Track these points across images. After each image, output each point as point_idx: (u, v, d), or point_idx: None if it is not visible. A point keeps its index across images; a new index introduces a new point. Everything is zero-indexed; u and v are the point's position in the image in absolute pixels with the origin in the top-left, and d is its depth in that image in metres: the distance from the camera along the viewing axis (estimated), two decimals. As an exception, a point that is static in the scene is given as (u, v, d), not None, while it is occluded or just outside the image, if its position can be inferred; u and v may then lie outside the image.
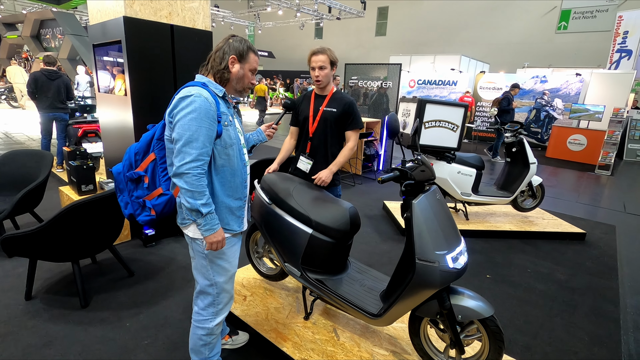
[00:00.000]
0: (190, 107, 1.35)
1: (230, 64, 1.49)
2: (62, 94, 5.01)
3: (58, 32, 16.29)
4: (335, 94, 2.33)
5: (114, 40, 3.00)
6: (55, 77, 4.95)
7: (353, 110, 2.30)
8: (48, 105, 4.95)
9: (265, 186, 2.20)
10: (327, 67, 2.20)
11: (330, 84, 2.31)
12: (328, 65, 2.20)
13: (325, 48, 2.21)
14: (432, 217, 1.62)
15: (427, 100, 3.55)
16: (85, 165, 3.07)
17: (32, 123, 9.35)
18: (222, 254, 1.57)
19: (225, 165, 1.49)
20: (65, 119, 5.13)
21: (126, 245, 3.25)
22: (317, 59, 2.19)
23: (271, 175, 2.27)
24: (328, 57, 2.19)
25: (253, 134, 1.92)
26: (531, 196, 4.20)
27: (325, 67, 2.19)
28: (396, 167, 1.67)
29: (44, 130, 5.11)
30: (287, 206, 2.04)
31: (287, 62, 25.17)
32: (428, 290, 1.60)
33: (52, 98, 4.94)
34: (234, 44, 1.49)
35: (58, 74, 5.00)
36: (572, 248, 3.70)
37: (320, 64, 2.19)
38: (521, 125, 4.03)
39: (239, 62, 1.50)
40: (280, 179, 2.20)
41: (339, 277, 2.06)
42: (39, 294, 2.51)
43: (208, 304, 1.63)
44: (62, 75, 5.05)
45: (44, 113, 4.99)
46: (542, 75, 10.25)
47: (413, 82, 12.31)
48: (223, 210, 1.52)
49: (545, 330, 2.40)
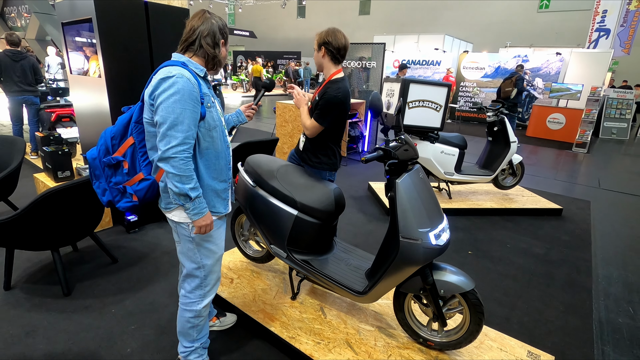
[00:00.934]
0: (173, 88, 1.30)
1: (222, 46, 1.48)
2: (29, 76, 4.76)
3: (24, 10, 15.34)
4: (329, 82, 2.09)
5: (84, 18, 2.84)
6: (20, 58, 4.69)
7: (322, 103, 2.02)
8: (16, 89, 4.71)
9: (249, 168, 2.17)
10: (316, 49, 2.09)
11: (328, 69, 2.09)
12: (316, 47, 2.08)
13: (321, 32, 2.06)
14: (415, 195, 1.64)
15: (411, 80, 3.54)
16: (61, 151, 2.95)
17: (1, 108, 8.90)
18: (209, 236, 1.56)
19: (210, 147, 1.46)
20: (36, 103, 4.90)
21: (108, 232, 3.19)
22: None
23: (255, 157, 2.24)
24: (316, 41, 2.06)
25: (232, 115, 1.88)
26: (511, 174, 4.31)
27: (314, 50, 2.11)
28: (380, 146, 1.67)
29: (14, 116, 4.88)
30: (272, 188, 2.02)
31: (269, 42, 24.56)
32: (412, 267, 1.64)
33: (18, 81, 4.69)
34: (218, 24, 1.46)
35: (22, 54, 4.74)
36: (550, 223, 3.84)
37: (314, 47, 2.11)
38: (502, 105, 4.08)
39: (225, 44, 1.49)
40: (264, 161, 2.17)
41: (325, 257, 2.08)
42: (19, 283, 2.45)
43: (195, 287, 1.62)
44: (28, 56, 4.79)
45: (12, 97, 4.75)
46: (524, 54, 10.34)
47: (397, 62, 12.23)
48: (209, 193, 1.50)
49: (523, 302, 2.51)
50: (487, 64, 10.78)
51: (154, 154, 1.45)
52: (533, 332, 2.22)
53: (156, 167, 1.48)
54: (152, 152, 1.46)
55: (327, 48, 2.02)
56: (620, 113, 9.55)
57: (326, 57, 2.04)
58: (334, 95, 2.00)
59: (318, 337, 1.91)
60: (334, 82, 2.04)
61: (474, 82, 11.05)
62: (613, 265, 3.09)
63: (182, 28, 1.47)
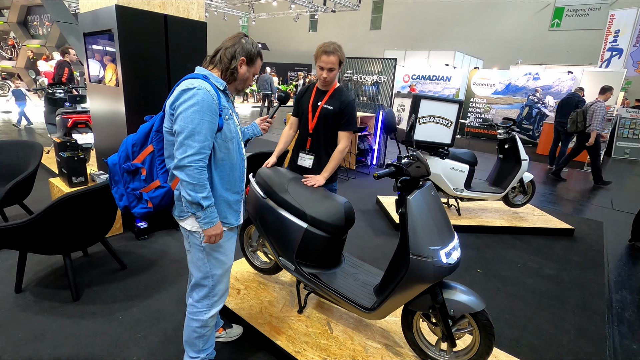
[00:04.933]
0: (193, 99, 1.34)
1: (239, 65, 1.51)
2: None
3: (46, 19, 15.86)
4: (336, 90, 2.27)
5: (105, 29, 2.94)
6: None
7: (349, 111, 2.23)
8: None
9: (260, 180, 2.19)
10: (336, 68, 2.15)
11: (333, 82, 2.26)
12: (337, 66, 2.14)
13: (337, 47, 2.10)
14: (426, 212, 1.64)
15: (422, 96, 3.56)
16: (76, 157, 3.02)
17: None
18: (220, 247, 1.57)
19: (225, 159, 1.48)
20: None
21: (118, 238, 3.22)
22: (328, 60, 2.11)
23: (266, 169, 2.26)
24: (338, 58, 2.11)
25: (248, 127, 1.92)
26: (522, 192, 4.26)
27: (333, 69, 2.14)
28: (392, 162, 1.68)
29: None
30: (282, 200, 2.04)
31: (281, 54, 24.95)
32: (421, 284, 1.62)
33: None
34: (246, 45, 1.51)
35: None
36: (561, 243, 3.77)
37: (330, 66, 2.12)
38: (514, 122, 4.07)
39: (247, 64, 1.53)
40: (276, 173, 2.19)
41: (333, 272, 2.08)
42: (30, 286, 2.48)
43: (203, 296, 1.63)
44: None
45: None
46: (535, 72, 10.33)
47: (407, 77, 12.31)
48: (221, 204, 1.52)
49: (533, 324, 2.45)
50: (497, 80, 10.78)
51: (170, 162, 1.48)
52: (543, 356, 2.16)
53: (172, 176, 1.51)
54: (169, 160, 1.50)
55: (341, 65, 2.17)
56: (633, 133, 9.43)
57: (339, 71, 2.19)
58: (352, 98, 2.26)
59: (324, 353, 1.89)
60: (340, 90, 2.26)
61: (484, 98, 11.05)
62: (627, 288, 3.01)
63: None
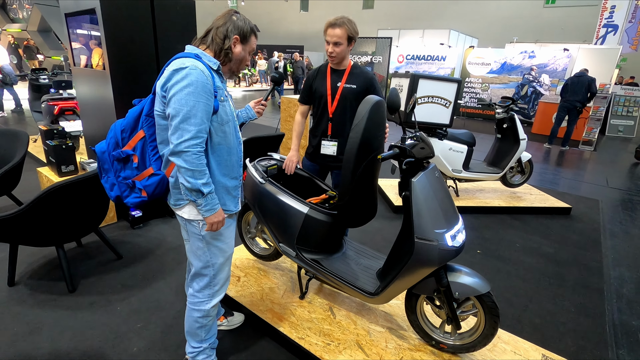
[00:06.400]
0: (186, 80, 1.25)
1: (233, 44, 1.41)
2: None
3: (25, 2, 15.20)
4: (353, 68, 2.16)
5: (88, 8, 2.78)
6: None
7: (375, 86, 2.15)
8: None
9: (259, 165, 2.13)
10: (343, 43, 2.01)
11: (347, 58, 2.14)
12: (344, 41, 2.01)
13: (345, 20, 1.98)
14: (431, 195, 1.59)
15: (420, 75, 3.47)
16: (65, 145, 2.90)
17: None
18: (220, 234, 1.51)
19: (222, 143, 1.41)
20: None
21: (113, 227, 3.15)
22: (333, 33, 1.98)
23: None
24: (345, 32, 1.98)
25: (242, 111, 1.83)
26: (520, 172, 4.25)
27: (340, 44, 2.01)
28: (395, 144, 1.62)
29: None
30: (281, 185, 1.98)
31: (271, 37, 24.37)
32: (426, 268, 1.59)
33: None
34: (238, 22, 1.41)
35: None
36: (559, 222, 3.78)
37: (335, 39, 1.99)
38: (513, 101, 4.01)
39: (241, 43, 1.43)
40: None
41: (335, 257, 2.04)
42: (23, 279, 2.42)
43: (204, 286, 1.58)
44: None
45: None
46: (531, 50, 10.21)
47: (402, 57, 12.11)
48: (220, 190, 1.46)
49: (534, 303, 2.46)
50: (493, 59, 10.65)
51: (164, 148, 1.40)
52: (545, 334, 2.18)
53: (166, 162, 1.43)
54: (163, 146, 1.41)
55: (353, 40, 2.10)
56: (627, 110, 9.44)
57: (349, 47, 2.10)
58: (372, 74, 2.22)
59: (328, 338, 1.87)
60: (357, 67, 2.19)
61: (479, 77, 10.93)
62: (624, 266, 3.04)
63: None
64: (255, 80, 18.57)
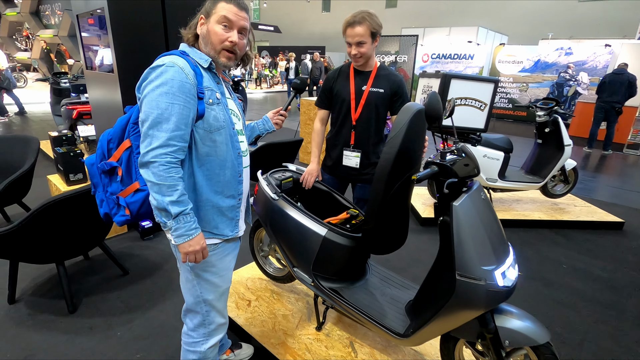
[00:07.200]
0: (160, 79, 1.05)
1: (199, 26, 1.20)
2: None
3: (57, 8, 15.75)
4: (380, 69, 1.92)
5: (97, 8, 2.64)
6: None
7: (403, 90, 1.92)
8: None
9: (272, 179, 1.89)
10: (367, 41, 1.76)
11: (373, 57, 1.89)
12: (368, 39, 1.75)
13: (365, 15, 1.72)
14: (477, 222, 1.30)
15: (452, 75, 3.14)
16: (72, 152, 2.78)
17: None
18: (211, 266, 1.28)
19: (211, 154, 1.18)
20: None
21: (123, 238, 3.00)
22: (354, 33, 1.73)
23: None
24: (368, 29, 1.73)
25: (258, 122, 1.60)
26: (563, 181, 3.83)
27: (364, 43, 1.76)
28: (433, 160, 1.33)
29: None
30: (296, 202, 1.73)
31: (293, 37, 24.32)
32: (470, 312, 1.30)
33: None
34: (207, 3, 1.19)
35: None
36: (610, 239, 3.35)
37: (358, 39, 1.74)
38: (556, 103, 3.60)
39: (205, 19, 1.19)
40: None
41: (357, 285, 1.77)
42: (25, 295, 2.28)
43: (198, 324, 1.36)
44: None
45: None
46: (567, 47, 9.54)
47: (427, 56, 11.64)
48: (209, 211, 1.22)
49: (591, 340, 2.10)
50: (525, 57, 10.02)
51: None
52: (608, 382, 1.83)
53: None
54: None
55: (378, 35, 1.83)
56: (677, 111, 8.62)
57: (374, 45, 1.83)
58: (400, 76, 1.99)
59: (348, 383, 1.61)
60: (384, 68, 1.96)
61: (510, 77, 10.34)
62: (695, 294, 2.60)
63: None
64: (276, 81, 18.49)
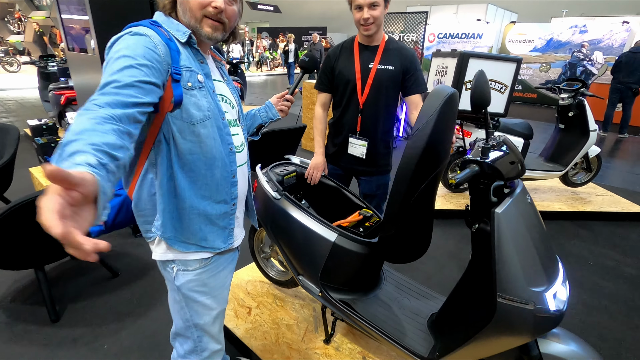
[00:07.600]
0: (119, 45, 0.81)
1: None
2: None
3: (48, -12, 15.19)
4: (389, 43, 1.67)
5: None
6: None
7: (416, 66, 1.68)
8: None
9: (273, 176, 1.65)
10: (380, 4, 1.50)
11: (381, 29, 1.63)
12: (381, 1, 1.50)
13: None
14: (524, 233, 1.06)
15: (471, 54, 2.85)
16: (54, 143, 2.53)
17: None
18: (202, 285, 1.06)
19: (195, 151, 0.93)
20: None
21: (113, 235, 2.79)
22: None
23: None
24: None
25: (260, 109, 1.35)
26: (585, 169, 3.57)
27: (377, 5, 1.50)
28: (469, 157, 1.08)
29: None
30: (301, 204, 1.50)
31: (294, 18, 23.57)
32: (514, 339, 1.08)
33: None
34: None
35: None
36: (637, 231, 3.12)
37: (370, 0, 1.48)
38: (583, 84, 3.31)
39: None
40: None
41: (371, 297, 1.56)
42: (4, 301, 2.09)
43: (189, 351, 1.16)
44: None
45: None
46: (582, 24, 9.07)
47: (433, 35, 11.17)
48: (194, 220, 0.99)
49: (628, 349, 1.90)
50: (537, 35, 9.58)
51: None
52: (652, 400, 1.63)
53: (127, 177, 0.98)
54: None
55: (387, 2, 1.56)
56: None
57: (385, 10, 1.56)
58: (413, 51, 1.73)
59: (362, 409, 1.41)
60: (393, 42, 1.70)
61: (520, 56, 9.91)
62: None
63: None
64: (277, 64, 17.96)
